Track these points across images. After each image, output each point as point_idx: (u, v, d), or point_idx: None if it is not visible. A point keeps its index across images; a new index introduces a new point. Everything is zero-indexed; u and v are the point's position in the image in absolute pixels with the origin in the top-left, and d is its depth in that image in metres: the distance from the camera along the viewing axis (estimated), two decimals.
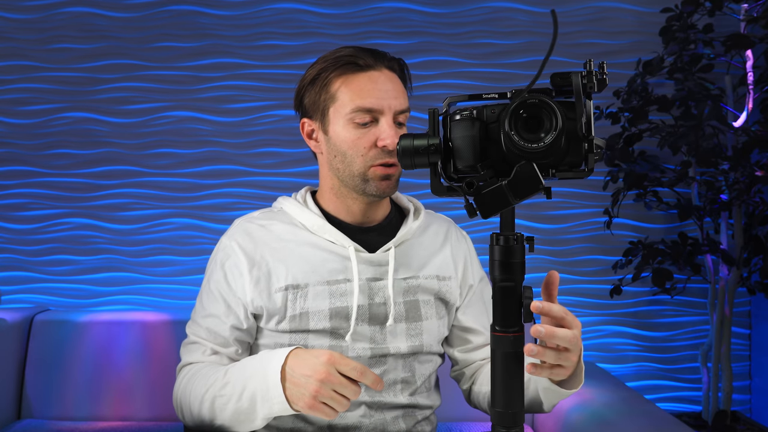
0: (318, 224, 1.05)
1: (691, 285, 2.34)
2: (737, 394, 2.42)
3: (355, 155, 1.01)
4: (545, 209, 2.40)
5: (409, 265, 1.08)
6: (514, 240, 0.75)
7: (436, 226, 1.18)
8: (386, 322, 1.04)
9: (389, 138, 0.99)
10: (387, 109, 0.99)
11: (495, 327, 0.75)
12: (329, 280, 1.03)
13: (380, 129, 1.00)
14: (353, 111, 0.99)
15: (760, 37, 2.10)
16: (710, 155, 2.09)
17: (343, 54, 1.01)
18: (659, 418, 1.43)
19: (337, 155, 1.03)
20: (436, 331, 1.09)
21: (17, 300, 2.36)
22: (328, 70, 1.01)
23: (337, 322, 1.02)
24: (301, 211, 1.07)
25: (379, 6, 2.39)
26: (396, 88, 1.02)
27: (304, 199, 1.10)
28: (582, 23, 2.38)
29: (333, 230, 1.05)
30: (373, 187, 1.02)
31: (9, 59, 2.37)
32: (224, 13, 2.38)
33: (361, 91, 0.99)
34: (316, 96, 1.03)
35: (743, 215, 2.17)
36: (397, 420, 1.05)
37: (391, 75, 1.03)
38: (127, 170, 2.37)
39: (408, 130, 1.05)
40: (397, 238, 1.08)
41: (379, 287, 1.05)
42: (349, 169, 1.02)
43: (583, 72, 0.71)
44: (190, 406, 1.00)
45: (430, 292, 1.09)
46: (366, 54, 1.01)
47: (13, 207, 2.37)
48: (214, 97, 2.38)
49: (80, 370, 1.85)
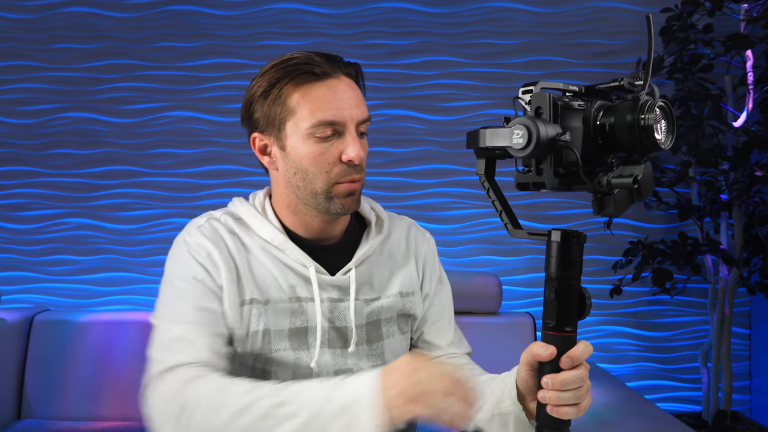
0: (279, 240, 0.98)
1: (691, 285, 2.34)
2: (737, 394, 2.42)
3: (317, 172, 0.93)
4: (545, 209, 2.40)
5: (371, 285, 1.03)
6: (574, 237, 0.71)
7: (397, 233, 1.11)
8: (347, 346, 1.00)
9: (354, 152, 0.92)
10: (350, 121, 0.93)
11: (548, 325, 0.72)
12: (291, 297, 0.98)
13: (344, 143, 0.93)
14: (314, 125, 0.91)
15: (760, 37, 2.10)
16: (710, 155, 2.09)
17: (297, 62, 0.93)
18: (659, 418, 1.43)
19: (297, 172, 0.95)
20: (399, 347, 1.06)
21: (17, 300, 2.36)
22: (283, 80, 0.92)
23: (297, 341, 0.97)
24: (261, 224, 1.00)
25: (379, 6, 2.39)
26: (356, 96, 0.95)
27: (263, 208, 1.03)
28: (582, 23, 2.38)
29: (294, 248, 0.98)
30: (338, 205, 0.95)
31: (9, 59, 2.37)
32: (224, 13, 2.38)
33: (321, 103, 0.91)
34: (270, 109, 0.94)
35: (743, 215, 2.17)
36: None
37: (350, 82, 0.95)
38: (127, 170, 2.37)
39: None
40: (357, 258, 1.02)
41: (341, 309, 1.00)
42: (310, 186, 0.94)
43: None
44: (203, 415, 0.82)
45: (393, 310, 1.04)
46: (321, 60, 0.93)
47: (13, 207, 2.37)
48: (214, 97, 2.38)
49: (80, 370, 1.85)
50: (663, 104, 0.67)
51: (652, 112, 0.65)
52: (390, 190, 2.39)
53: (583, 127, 0.70)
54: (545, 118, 0.67)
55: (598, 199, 0.69)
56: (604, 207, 0.68)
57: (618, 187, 0.66)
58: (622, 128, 0.67)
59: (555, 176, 0.68)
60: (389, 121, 2.38)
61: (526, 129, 0.65)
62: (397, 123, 2.39)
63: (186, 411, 0.83)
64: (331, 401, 0.76)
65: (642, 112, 0.65)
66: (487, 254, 2.40)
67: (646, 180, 0.67)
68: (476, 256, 2.38)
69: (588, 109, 0.70)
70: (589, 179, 0.67)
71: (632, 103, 0.66)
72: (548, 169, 0.68)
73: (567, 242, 0.71)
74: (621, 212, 0.69)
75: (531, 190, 0.72)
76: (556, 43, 2.38)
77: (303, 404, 0.76)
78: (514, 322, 1.92)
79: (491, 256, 2.40)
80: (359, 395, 0.75)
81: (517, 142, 0.66)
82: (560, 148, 0.67)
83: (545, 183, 0.69)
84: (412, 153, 2.39)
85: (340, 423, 0.74)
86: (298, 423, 0.75)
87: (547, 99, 0.68)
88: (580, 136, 0.69)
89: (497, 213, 0.77)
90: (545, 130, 0.65)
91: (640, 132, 0.65)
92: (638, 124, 0.65)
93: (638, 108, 0.66)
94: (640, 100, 0.66)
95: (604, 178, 0.67)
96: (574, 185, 0.70)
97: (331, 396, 0.76)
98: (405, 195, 2.39)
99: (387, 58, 2.38)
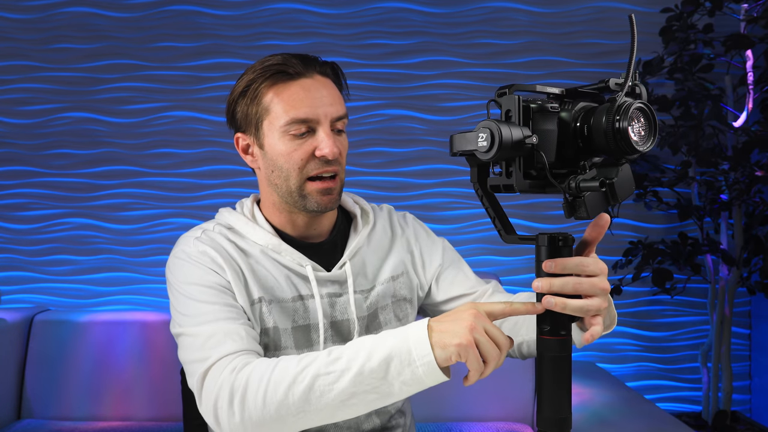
0: (273, 243, 1.01)
1: (691, 285, 2.34)
2: (737, 394, 2.42)
3: (291, 168, 0.96)
4: (545, 209, 2.40)
5: (365, 275, 1.06)
6: (560, 240, 0.71)
7: (381, 222, 1.14)
8: (350, 337, 1.03)
9: (327, 147, 0.95)
10: (323, 118, 0.96)
11: (543, 330, 0.72)
12: (295, 296, 1.01)
13: (317, 139, 0.96)
14: (288, 123, 0.95)
15: (760, 37, 2.10)
16: (710, 155, 2.09)
17: (271, 63, 0.97)
18: (659, 418, 1.43)
19: (274, 170, 0.98)
20: None
21: (17, 300, 2.37)
22: (257, 81, 0.97)
23: (302, 339, 1.00)
24: (254, 230, 1.02)
25: (379, 6, 2.39)
26: (331, 93, 0.98)
27: (252, 214, 1.05)
28: (582, 23, 2.38)
29: (289, 249, 1.01)
30: (313, 203, 0.98)
31: (9, 59, 2.37)
32: (224, 13, 2.38)
33: (294, 101, 0.95)
34: (247, 109, 0.98)
35: (743, 215, 2.17)
36: (371, 417, 1.06)
37: (324, 80, 0.99)
38: (127, 170, 2.37)
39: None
40: (350, 251, 1.05)
41: (341, 303, 1.03)
42: (286, 184, 0.98)
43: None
44: (261, 395, 0.80)
45: (387, 297, 1.08)
46: (296, 61, 0.96)
47: (13, 207, 2.38)
48: (214, 97, 2.38)
49: (80, 370, 1.85)
50: (642, 106, 0.66)
51: (628, 114, 0.65)
52: (390, 190, 2.39)
53: (558, 129, 0.70)
54: (514, 121, 0.68)
55: (569, 202, 0.68)
56: (576, 210, 0.68)
57: (587, 191, 0.66)
58: (598, 131, 0.66)
59: (525, 179, 0.69)
60: (389, 121, 2.39)
61: (489, 132, 0.66)
62: (397, 123, 2.39)
63: (238, 394, 0.82)
64: (382, 346, 0.77)
65: (617, 114, 0.65)
66: (487, 254, 2.40)
67: (623, 182, 0.66)
68: (476, 256, 2.38)
69: (569, 111, 0.70)
70: (560, 182, 0.67)
71: (609, 105, 0.66)
72: (517, 171, 0.69)
73: (554, 245, 0.71)
74: (594, 215, 0.68)
75: (502, 192, 0.72)
76: (556, 43, 2.38)
77: (354, 356, 0.78)
78: None
79: (491, 256, 2.41)
80: (408, 336, 0.77)
81: (481, 145, 0.66)
82: (531, 151, 0.67)
83: (514, 186, 0.69)
84: (412, 153, 2.39)
85: (393, 367, 0.76)
86: (354, 374, 0.77)
87: (515, 102, 0.68)
88: (554, 139, 0.70)
89: (491, 220, 0.78)
90: (509, 132, 0.65)
91: (615, 134, 0.65)
92: (612, 126, 0.65)
93: (614, 110, 0.65)
94: (616, 102, 0.66)
95: (573, 181, 0.67)
96: (547, 188, 0.70)
97: (381, 343, 0.78)
98: (405, 195, 2.39)
99: (387, 58, 2.38)
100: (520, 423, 1.80)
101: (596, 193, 0.67)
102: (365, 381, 0.77)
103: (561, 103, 0.71)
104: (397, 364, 0.76)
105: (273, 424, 0.81)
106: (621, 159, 0.68)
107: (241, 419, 0.81)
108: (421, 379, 0.76)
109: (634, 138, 0.65)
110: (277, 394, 0.80)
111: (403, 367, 0.76)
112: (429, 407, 1.77)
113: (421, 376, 0.75)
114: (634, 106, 0.66)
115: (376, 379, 0.77)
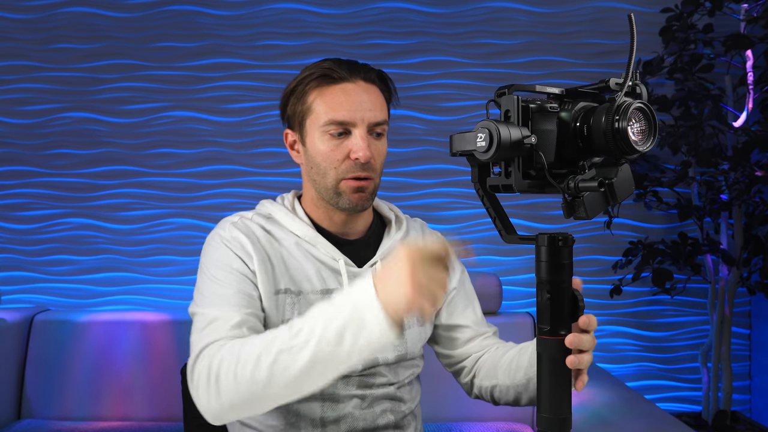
0: (310, 235, 1.06)
1: (691, 285, 2.34)
2: (737, 394, 2.42)
3: (328, 167, 1.02)
4: (545, 209, 2.40)
5: None
6: (560, 240, 0.71)
7: (414, 231, 1.19)
8: None
9: (361, 150, 0.99)
10: (360, 122, 1.00)
11: (542, 330, 0.72)
12: (323, 290, 1.04)
13: (353, 141, 1.01)
14: (327, 123, 1.00)
15: (760, 37, 2.10)
16: (710, 155, 2.09)
17: (320, 66, 1.02)
18: (659, 418, 1.43)
19: (313, 167, 1.04)
20: (418, 337, 1.12)
21: (17, 300, 2.36)
22: (305, 81, 1.02)
23: None
24: (292, 221, 1.07)
25: (379, 6, 2.39)
26: (372, 99, 1.02)
27: (292, 206, 1.10)
28: (582, 23, 2.38)
29: (324, 242, 1.05)
30: (346, 201, 1.03)
31: (9, 59, 2.37)
32: (224, 13, 2.38)
33: (334, 104, 1.00)
34: (295, 107, 1.05)
35: (743, 215, 2.17)
36: (386, 413, 1.08)
37: (368, 86, 1.03)
38: (127, 170, 2.37)
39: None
40: (381, 252, 1.10)
41: None
42: (323, 181, 1.03)
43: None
44: (231, 374, 0.84)
45: None
46: (342, 66, 1.02)
47: (13, 207, 2.37)
48: (214, 97, 2.38)
49: (80, 370, 1.85)
50: (641, 105, 0.66)
51: (627, 114, 0.65)
52: (390, 190, 2.39)
53: (557, 129, 0.70)
54: (513, 121, 0.68)
55: (567, 202, 0.68)
56: (575, 210, 0.68)
57: (585, 191, 0.66)
58: (597, 131, 0.66)
59: (525, 179, 0.69)
60: (389, 121, 2.38)
61: (488, 132, 0.66)
62: (397, 123, 2.39)
63: (213, 375, 0.85)
64: (338, 315, 0.79)
65: (617, 114, 0.65)
66: (487, 254, 2.40)
67: (622, 183, 0.67)
68: (476, 256, 2.38)
69: (569, 111, 0.70)
70: (558, 182, 0.68)
71: (608, 105, 0.66)
72: (516, 171, 0.69)
73: (554, 246, 0.71)
74: (593, 215, 0.68)
75: (501, 192, 0.72)
76: (556, 43, 2.38)
77: (312, 329, 0.80)
78: (514, 322, 1.92)
79: (491, 256, 2.41)
80: (357, 300, 0.78)
81: (480, 145, 0.67)
82: (530, 151, 0.67)
83: (513, 186, 0.70)
84: (412, 153, 2.39)
85: (350, 334, 0.77)
86: (313, 346, 0.79)
87: (515, 102, 0.68)
88: (553, 139, 0.70)
89: (492, 220, 0.78)
90: (508, 132, 0.65)
91: (614, 134, 0.65)
92: (612, 126, 0.65)
93: (613, 110, 0.65)
94: (615, 102, 0.66)
95: (572, 181, 0.67)
96: (547, 188, 0.70)
97: (335, 314, 0.79)
98: (405, 195, 2.39)
99: (387, 58, 2.38)
100: (520, 423, 1.80)
101: (595, 193, 0.67)
102: (324, 350, 0.79)
103: (561, 103, 0.71)
104: (353, 331, 0.77)
105: (246, 404, 0.84)
106: (621, 159, 0.68)
107: (218, 401, 0.85)
108: (376, 341, 0.78)
109: (633, 138, 0.65)
110: (245, 372, 0.82)
111: (359, 331, 0.77)
112: (429, 407, 1.77)
113: (375, 339, 0.77)
114: (634, 106, 0.65)
115: (333, 347, 0.78)
